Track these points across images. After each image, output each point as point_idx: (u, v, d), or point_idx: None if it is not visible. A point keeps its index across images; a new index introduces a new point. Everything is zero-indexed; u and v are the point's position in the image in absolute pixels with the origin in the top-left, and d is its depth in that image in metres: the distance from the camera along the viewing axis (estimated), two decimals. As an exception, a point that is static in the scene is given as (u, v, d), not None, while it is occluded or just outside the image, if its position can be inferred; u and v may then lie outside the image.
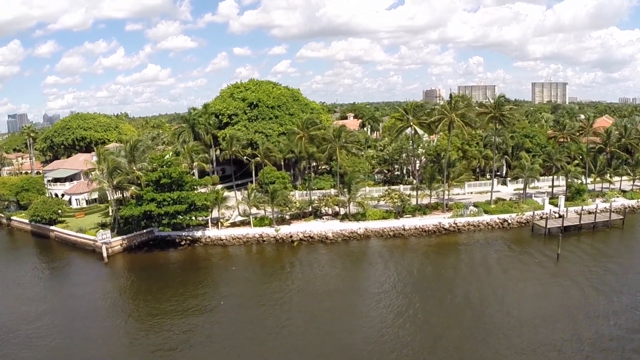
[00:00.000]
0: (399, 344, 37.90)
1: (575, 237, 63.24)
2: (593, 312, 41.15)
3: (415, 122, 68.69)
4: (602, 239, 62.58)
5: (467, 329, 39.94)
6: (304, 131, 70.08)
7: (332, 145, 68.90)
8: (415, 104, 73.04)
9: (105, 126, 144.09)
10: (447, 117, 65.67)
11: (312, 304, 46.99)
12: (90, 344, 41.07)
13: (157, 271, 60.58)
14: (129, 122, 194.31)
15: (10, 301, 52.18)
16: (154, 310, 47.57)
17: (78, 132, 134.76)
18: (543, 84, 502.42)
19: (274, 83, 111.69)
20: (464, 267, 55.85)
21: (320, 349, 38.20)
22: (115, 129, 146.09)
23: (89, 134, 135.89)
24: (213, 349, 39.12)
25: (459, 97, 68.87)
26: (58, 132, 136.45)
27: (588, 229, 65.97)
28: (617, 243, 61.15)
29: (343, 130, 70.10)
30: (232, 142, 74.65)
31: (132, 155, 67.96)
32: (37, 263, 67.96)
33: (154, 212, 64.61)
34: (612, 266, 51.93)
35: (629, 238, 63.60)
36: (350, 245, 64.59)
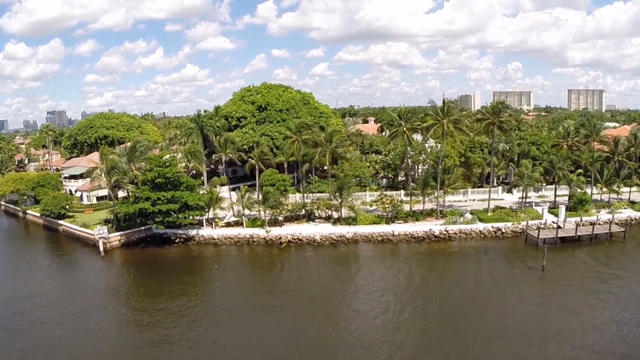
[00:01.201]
0: (359, 347, 38.96)
1: (569, 249, 62.25)
2: (554, 330, 40.43)
3: (408, 127, 69.18)
4: (595, 251, 61.13)
5: (423, 336, 40.63)
6: (297, 135, 71.67)
7: (322, 149, 70.23)
8: (408, 109, 73.55)
9: (128, 126, 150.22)
10: (439, 123, 65.92)
11: (270, 303, 48.78)
12: (63, 328, 44.12)
13: (149, 266, 63.79)
14: (154, 122, 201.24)
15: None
16: (137, 302, 51.38)
17: (100, 130, 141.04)
18: (579, 90, 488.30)
19: (285, 87, 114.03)
20: (441, 274, 56.15)
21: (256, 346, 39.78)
22: (137, 129, 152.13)
23: (111, 133, 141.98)
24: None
25: (451, 102, 68.81)
26: (82, 130, 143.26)
27: (586, 241, 64.70)
28: (609, 257, 59.37)
29: (334, 135, 71.42)
30: (226, 145, 77.11)
31: (131, 155, 71.38)
32: (40, 253, 73.39)
33: (149, 210, 67.70)
34: (594, 282, 50.56)
35: (624, 252, 61.56)
36: (336, 249, 65.82)
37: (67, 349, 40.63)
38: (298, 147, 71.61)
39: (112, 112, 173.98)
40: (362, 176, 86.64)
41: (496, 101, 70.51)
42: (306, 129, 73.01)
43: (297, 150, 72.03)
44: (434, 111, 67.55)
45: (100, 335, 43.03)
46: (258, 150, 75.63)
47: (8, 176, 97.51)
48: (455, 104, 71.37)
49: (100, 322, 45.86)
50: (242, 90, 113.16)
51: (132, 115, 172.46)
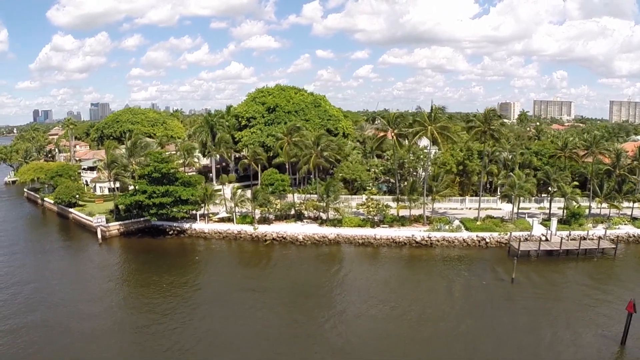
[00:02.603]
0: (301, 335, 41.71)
1: (550, 263, 62.08)
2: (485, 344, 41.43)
3: (396, 133, 70.88)
4: (575, 267, 60.86)
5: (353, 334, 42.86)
6: (288, 137, 74.76)
7: (309, 152, 72.93)
8: (396, 114, 75.08)
9: (153, 121, 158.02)
10: (425, 129, 67.32)
11: (232, 297, 52.09)
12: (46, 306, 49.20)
13: (141, 253, 69.48)
14: (182, 118, 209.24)
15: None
16: (121, 281, 58.60)
17: (125, 125, 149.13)
18: (621, 102, 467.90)
19: (298, 89, 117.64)
20: (406, 279, 58.17)
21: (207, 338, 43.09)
22: (162, 125, 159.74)
23: (136, 128, 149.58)
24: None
25: (439, 108, 69.78)
26: (108, 124, 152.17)
27: (572, 256, 64.33)
28: (586, 274, 58.88)
29: (321, 138, 74.02)
30: (220, 144, 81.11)
31: (132, 150, 76.58)
32: (45, 236, 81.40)
33: (144, 202, 72.53)
34: (553, 300, 50.37)
35: (604, 270, 60.43)
36: (317, 249, 68.45)
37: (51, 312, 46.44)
38: (287, 148, 74.53)
39: (156, 106, 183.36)
40: (361, 179, 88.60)
41: (487, 109, 70.83)
42: (296, 131, 75.95)
43: (286, 152, 75.00)
44: (420, 117, 68.90)
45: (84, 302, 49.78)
46: (251, 150, 78.94)
47: (30, 165, 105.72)
48: (495, 112, 71.84)
49: (84, 295, 53.01)
50: (256, 91, 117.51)
51: (157, 111, 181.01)
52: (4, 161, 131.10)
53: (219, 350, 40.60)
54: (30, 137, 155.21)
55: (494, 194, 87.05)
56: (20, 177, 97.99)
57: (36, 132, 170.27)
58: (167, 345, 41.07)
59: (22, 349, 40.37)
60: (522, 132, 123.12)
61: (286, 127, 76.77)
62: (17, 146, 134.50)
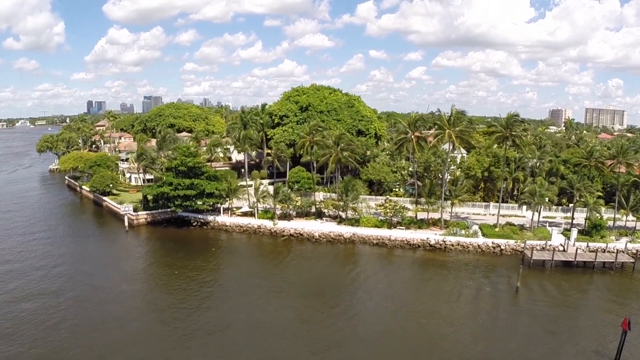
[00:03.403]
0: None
1: (562, 274, 61.39)
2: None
3: (416, 135, 71.98)
4: (587, 280, 60.11)
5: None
6: (310, 136, 77.20)
7: (329, 151, 75.08)
8: (417, 116, 75.93)
9: (195, 116, 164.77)
10: (444, 133, 68.17)
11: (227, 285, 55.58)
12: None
13: (163, 242, 74.10)
14: (226, 114, 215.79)
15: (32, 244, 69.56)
16: (137, 265, 63.53)
17: (168, 119, 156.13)
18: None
19: (333, 89, 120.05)
20: (411, 281, 59.55)
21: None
22: (204, 120, 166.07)
23: (178, 122, 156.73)
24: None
25: (460, 112, 70.20)
26: (151, 117, 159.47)
27: (588, 268, 63.59)
28: (597, 287, 58.10)
29: (342, 138, 75.95)
30: (244, 141, 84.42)
31: (161, 143, 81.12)
32: (79, 221, 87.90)
33: (169, 194, 76.80)
34: (554, 314, 49.67)
35: (619, 285, 59.14)
36: (332, 247, 70.71)
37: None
38: (309, 147, 76.97)
39: (208, 101, 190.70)
40: (386, 180, 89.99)
41: (510, 114, 70.80)
42: (319, 131, 78.22)
43: (307, 150, 77.46)
44: (440, 121, 69.76)
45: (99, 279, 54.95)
46: (275, 148, 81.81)
47: (71, 154, 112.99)
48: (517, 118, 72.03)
49: (104, 277, 57.83)
50: (292, 90, 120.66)
51: (200, 107, 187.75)
52: (49, 149, 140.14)
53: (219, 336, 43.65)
54: (77, 127, 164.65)
55: (520, 201, 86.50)
56: (61, 166, 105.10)
57: (83, 123, 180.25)
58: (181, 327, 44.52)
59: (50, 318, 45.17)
60: (560, 139, 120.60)
61: (309, 127, 79.08)
62: (62, 135, 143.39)
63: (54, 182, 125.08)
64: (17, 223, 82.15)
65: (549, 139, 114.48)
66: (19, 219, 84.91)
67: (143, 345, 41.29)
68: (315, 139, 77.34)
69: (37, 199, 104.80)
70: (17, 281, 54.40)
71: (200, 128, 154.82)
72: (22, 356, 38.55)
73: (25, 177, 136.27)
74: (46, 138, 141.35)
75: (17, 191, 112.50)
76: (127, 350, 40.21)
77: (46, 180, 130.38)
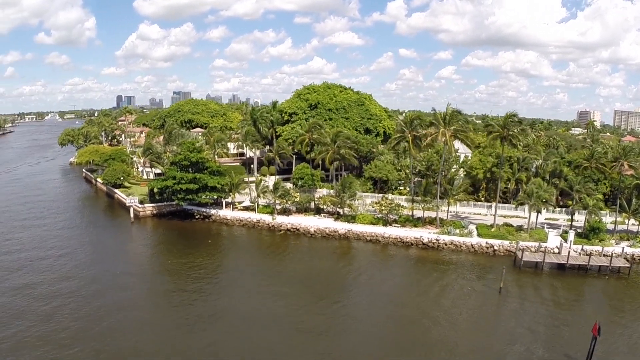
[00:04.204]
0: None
1: (551, 276, 61.32)
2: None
3: (412, 134, 72.85)
4: (576, 282, 59.88)
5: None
6: (309, 134, 78.99)
7: (325, 148, 76.71)
8: (413, 115, 76.65)
9: (213, 112, 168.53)
10: (438, 132, 68.87)
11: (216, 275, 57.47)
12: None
13: (166, 233, 78.04)
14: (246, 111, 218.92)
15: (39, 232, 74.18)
16: (133, 256, 66.81)
17: (187, 115, 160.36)
18: None
19: (344, 87, 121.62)
20: (395, 278, 60.81)
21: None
22: (222, 116, 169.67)
23: (196, 118, 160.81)
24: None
25: (456, 111, 70.62)
26: (170, 113, 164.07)
27: (582, 271, 63.16)
28: (584, 291, 57.84)
29: (339, 136, 77.43)
30: (247, 137, 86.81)
31: (168, 139, 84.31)
32: (90, 211, 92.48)
33: (172, 187, 79.85)
34: (541, 314, 50.22)
35: (609, 290, 58.65)
36: (326, 242, 72.53)
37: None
38: (307, 144, 78.80)
39: (237, 97, 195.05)
40: (387, 178, 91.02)
41: (507, 114, 70.95)
42: (317, 129, 79.95)
43: (305, 147, 79.30)
44: (435, 120, 70.45)
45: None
46: (277, 145, 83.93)
47: (87, 148, 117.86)
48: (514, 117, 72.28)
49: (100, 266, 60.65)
50: (303, 88, 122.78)
51: (219, 103, 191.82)
52: (71, 143, 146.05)
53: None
54: (98, 121, 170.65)
55: (517, 202, 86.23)
56: (78, 159, 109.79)
57: (105, 118, 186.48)
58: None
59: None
60: (575, 141, 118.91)
61: (308, 124, 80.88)
62: (84, 129, 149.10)
63: (73, 175, 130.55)
64: (32, 213, 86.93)
65: (562, 140, 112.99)
66: (35, 209, 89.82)
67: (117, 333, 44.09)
68: (313, 136, 79.06)
69: (55, 191, 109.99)
70: (25, 268, 58.44)
71: (218, 124, 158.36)
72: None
73: (46, 169, 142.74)
74: (67, 132, 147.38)
75: (36, 182, 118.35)
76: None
77: (66, 172, 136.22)
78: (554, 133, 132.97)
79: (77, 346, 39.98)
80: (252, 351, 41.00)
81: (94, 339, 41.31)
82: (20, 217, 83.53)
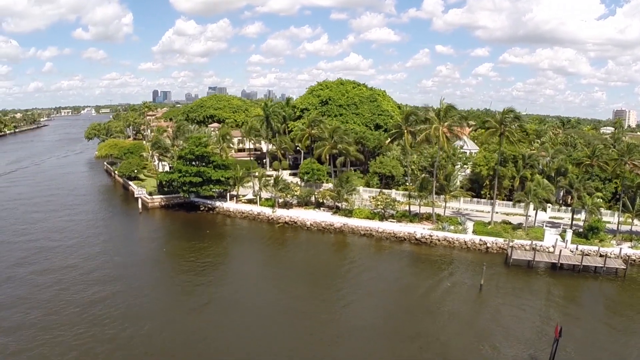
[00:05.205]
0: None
1: (541, 275, 60.86)
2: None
3: (409, 129, 73.46)
4: (565, 282, 58.92)
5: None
6: (309, 129, 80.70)
7: (323, 143, 78.17)
8: (409, 111, 77.06)
9: (235, 108, 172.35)
10: (431, 128, 69.22)
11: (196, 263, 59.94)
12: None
13: (170, 223, 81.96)
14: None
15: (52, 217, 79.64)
16: (136, 242, 71.58)
17: (209, 110, 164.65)
18: None
19: (357, 83, 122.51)
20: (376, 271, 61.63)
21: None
22: (244, 112, 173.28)
23: (218, 113, 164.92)
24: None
25: (450, 106, 70.53)
26: (194, 108, 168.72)
27: (576, 271, 62.30)
28: (571, 291, 56.88)
29: (336, 131, 78.72)
30: (250, 132, 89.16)
31: (176, 133, 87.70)
32: (105, 202, 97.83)
33: (177, 180, 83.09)
34: (514, 312, 50.03)
35: (597, 291, 57.48)
36: (322, 235, 74.35)
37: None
38: (307, 139, 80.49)
39: (272, 93, 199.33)
40: (391, 174, 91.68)
41: (505, 109, 70.43)
42: (317, 124, 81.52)
43: (304, 142, 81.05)
44: (430, 115, 70.79)
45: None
46: (279, 140, 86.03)
47: (107, 142, 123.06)
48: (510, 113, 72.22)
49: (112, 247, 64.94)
50: (317, 84, 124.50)
51: (242, 99, 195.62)
52: (97, 136, 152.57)
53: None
54: (124, 116, 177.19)
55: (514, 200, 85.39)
56: (98, 152, 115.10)
57: (132, 112, 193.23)
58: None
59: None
60: (593, 139, 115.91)
61: (308, 120, 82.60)
62: (109, 124, 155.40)
63: (96, 168, 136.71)
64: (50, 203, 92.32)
65: (580, 138, 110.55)
66: (54, 200, 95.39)
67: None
68: (312, 131, 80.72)
69: (76, 183, 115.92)
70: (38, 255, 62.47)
71: (240, 119, 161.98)
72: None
73: (73, 162, 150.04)
74: (94, 126, 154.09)
75: (60, 174, 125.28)
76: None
77: (90, 165, 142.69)
78: (572, 131, 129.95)
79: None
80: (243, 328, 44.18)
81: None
82: (40, 207, 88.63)
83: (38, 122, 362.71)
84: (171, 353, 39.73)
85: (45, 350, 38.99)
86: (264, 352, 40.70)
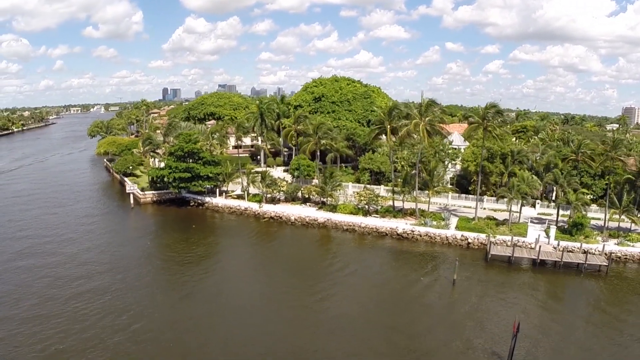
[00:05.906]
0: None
1: (518, 271, 60.29)
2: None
3: (392, 125, 73.49)
4: (542, 278, 58.35)
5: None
6: (295, 125, 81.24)
7: (307, 140, 78.67)
8: (392, 106, 76.84)
9: (236, 105, 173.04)
10: (412, 124, 69.13)
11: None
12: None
13: (160, 217, 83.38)
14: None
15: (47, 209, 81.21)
16: (125, 235, 73.05)
17: (210, 108, 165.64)
18: None
19: (352, 80, 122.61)
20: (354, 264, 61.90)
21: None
22: (245, 109, 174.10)
23: (218, 111, 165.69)
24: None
25: (432, 101, 70.40)
26: (194, 106, 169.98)
27: (557, 267, 61.99)
28: (547, 287, 56.09)
29: (320, 128, 79.14)
30: (238, 128, 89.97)
31: (167, 131, 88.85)
32: (100, 197, 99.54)
33: (167, 176, 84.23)
34: (480, 308, 49.86)
35: (574, 287, 57.04)
36: (305, 230, 75.06)
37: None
38: (292, 135, 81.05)
39: (282, 90, 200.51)
40: (381, 170, 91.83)
41: (488, 104, 70.05)
42: (302, 120, 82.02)
43: (291, 138, 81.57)
44: (411, 111, 70.73)
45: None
46: (266, 136, 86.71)
47: (105, 139, 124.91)
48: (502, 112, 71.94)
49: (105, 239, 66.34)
50: (312, 81, 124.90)
51: (243, 96, 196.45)
52: (98, 134, 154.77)
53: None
54: (126, 114, 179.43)
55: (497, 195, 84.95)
56: (97, 149, 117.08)
57: (134, 110, 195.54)
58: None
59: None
60: (593, 136, 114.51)
61: (294, 116, 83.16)
62: (111, 121, 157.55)
63: (96, 165, 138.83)
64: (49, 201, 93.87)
65: (578, 134, 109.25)
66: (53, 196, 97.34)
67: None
68: (298, 127, 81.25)
69: (76, 179, 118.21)
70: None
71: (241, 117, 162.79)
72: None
73: (75, 159, 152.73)
74: (96, 123, 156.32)
75: (62, 172, 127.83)
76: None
77: (92, 162, 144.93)
78: (571, 127, 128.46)
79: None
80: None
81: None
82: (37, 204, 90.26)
83: (46, 120, 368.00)
84: (156, 343, 40.92)
85: (23, 339, 40.41)
86: (245, 340, 41.84)
